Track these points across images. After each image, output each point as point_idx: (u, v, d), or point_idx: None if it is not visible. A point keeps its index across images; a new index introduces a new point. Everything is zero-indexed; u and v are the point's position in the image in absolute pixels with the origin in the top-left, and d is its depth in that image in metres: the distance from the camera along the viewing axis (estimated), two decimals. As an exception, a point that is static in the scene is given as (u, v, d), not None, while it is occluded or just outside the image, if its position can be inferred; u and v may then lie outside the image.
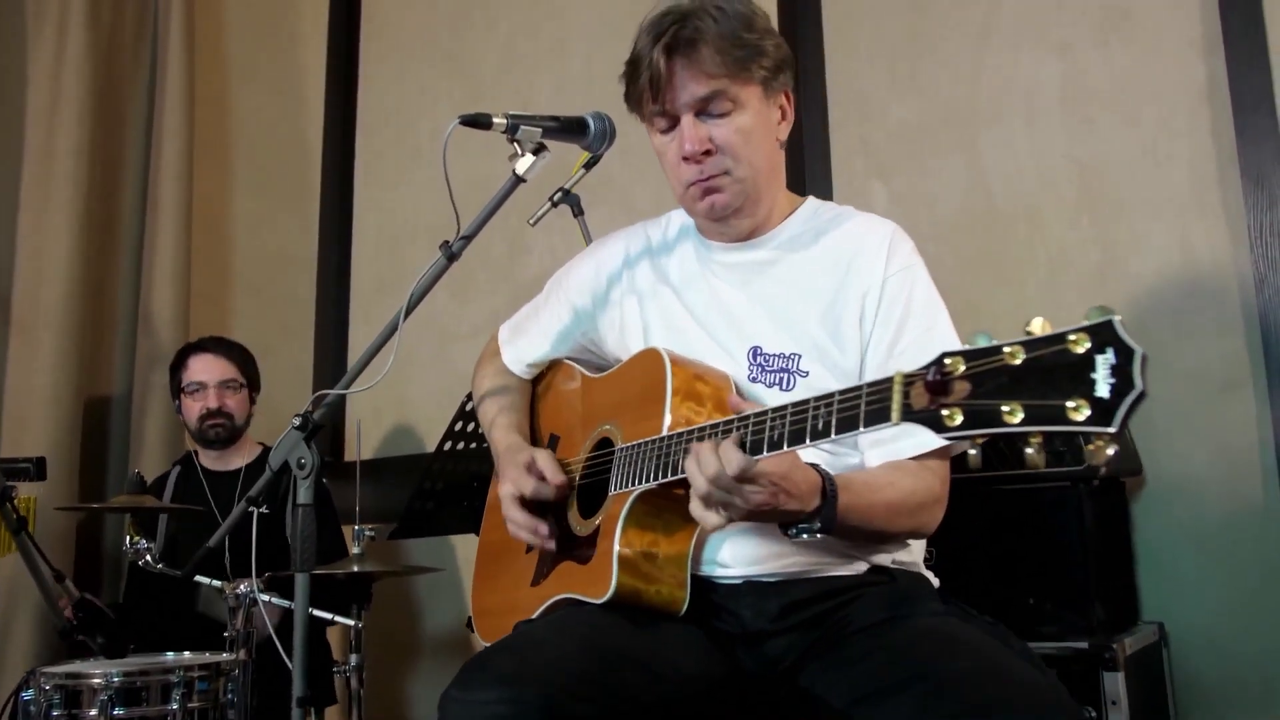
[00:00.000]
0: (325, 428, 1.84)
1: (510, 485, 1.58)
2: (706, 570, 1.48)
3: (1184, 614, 2.36)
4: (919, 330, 1.47)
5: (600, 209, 2.73)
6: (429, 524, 2.59)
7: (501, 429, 1.75)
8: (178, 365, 3.19)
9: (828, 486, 1.28)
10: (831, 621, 1.42)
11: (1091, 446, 0.87)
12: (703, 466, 1.21)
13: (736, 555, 1.46)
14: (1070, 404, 0.87)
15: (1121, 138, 2.60)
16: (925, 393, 0.99)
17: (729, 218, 1.55)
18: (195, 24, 3.86)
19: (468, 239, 1.64)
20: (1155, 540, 2.42)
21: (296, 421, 1.73)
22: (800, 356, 1.50)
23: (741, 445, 1.20)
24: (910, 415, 1.01)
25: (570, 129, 1.59)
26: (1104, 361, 0.85)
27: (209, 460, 3.20)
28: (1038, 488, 2.18)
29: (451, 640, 3.58)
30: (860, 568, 1.48)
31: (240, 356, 3.21)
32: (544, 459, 1.59)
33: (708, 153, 1.47)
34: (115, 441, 3.75)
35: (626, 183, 3.31)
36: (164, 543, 2.95)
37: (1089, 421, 0.85)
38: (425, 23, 4.17)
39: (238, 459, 3.19)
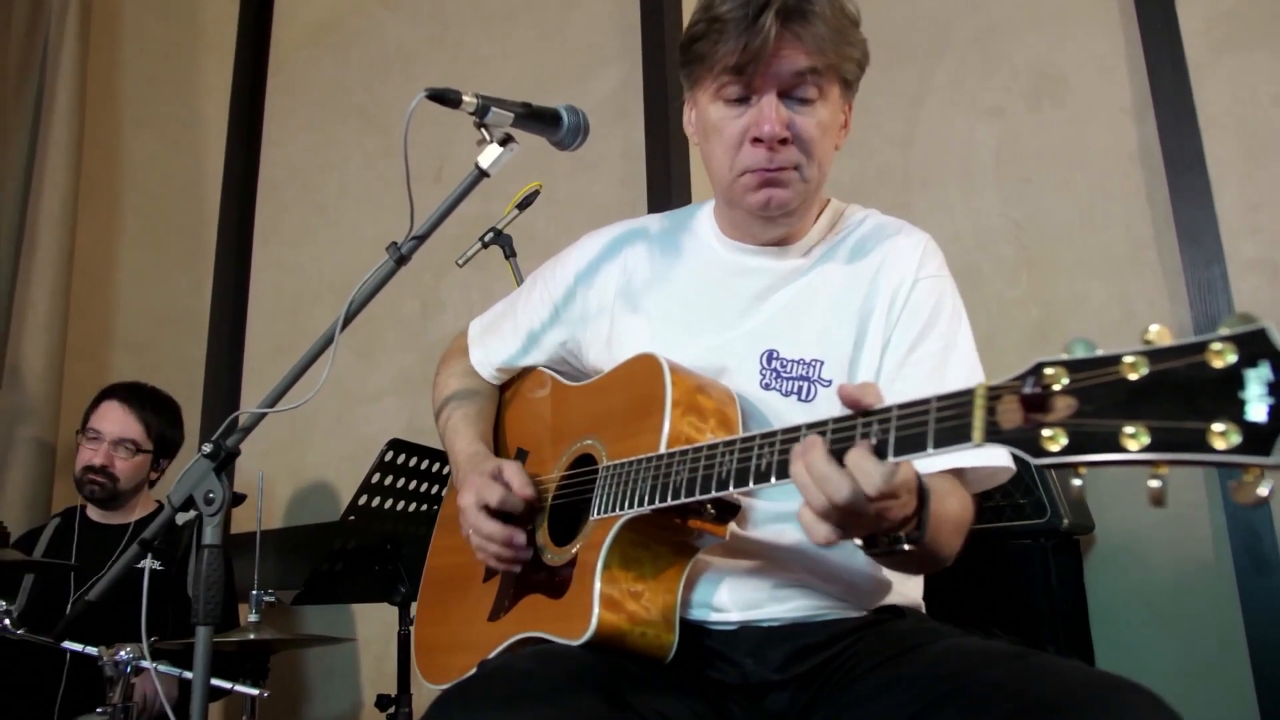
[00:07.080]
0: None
1: (473, 494, 1.37)
2: (697, 614, 1.30)
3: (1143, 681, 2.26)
4: (939, 343, 1.33)
5: (522, 265, 2.57)
6: (336, 589, 2.32)
7: (465, 438, 1.54)
8: (93, 404, 2.88)
9: (921, 483, 1.06)
10: (835, 666, 1.25)
11: (1241, 481, 0.72)
12: (829, 487, 0.96)
13: (734, 599, 1.29)
14: (1215, 427, 0.71)
15: (1057, 199, 2.62)
16: (1019, 408, 0.82)
17: (779, 218, 1.38)
18: (89, 61, 3.60)
19: (420, 239, 1.47)
20: (1108, 602, 2.34)
21: (206, 449, 1.51)
22: (822, 363, 1.33)
23: (879, 452, 0.95)
24: (998, 436, 0.84)
25: (542, 119, 1.44)
26: (1257, 377, 0.70)
27: (95, 513, 2.86)
28: (1003, 542, 2.08)
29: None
30: (867, 607, 1.33)
31: (156, 417, 2.86)
32: (512, 470, 1.39)
33: (784, 141, 1.31)
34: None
35: (552, 236, 3.19)
36: (26, 603, 2.57)
37: (1239, 449, 0.70)
38: (336, 77, 4.02)
39: (129, 514, 2.86)
